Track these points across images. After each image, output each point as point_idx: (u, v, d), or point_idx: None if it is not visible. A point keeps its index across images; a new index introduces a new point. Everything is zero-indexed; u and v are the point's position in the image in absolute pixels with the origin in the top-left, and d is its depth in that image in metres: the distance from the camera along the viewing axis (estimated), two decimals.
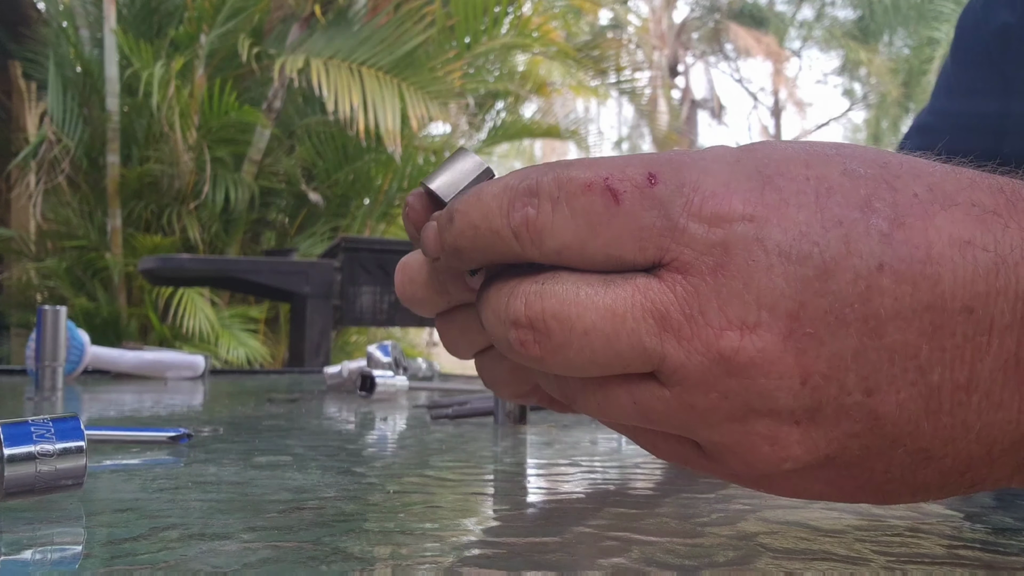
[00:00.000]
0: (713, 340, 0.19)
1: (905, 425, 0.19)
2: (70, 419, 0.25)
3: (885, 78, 11.04)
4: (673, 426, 0.20)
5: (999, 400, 0.19)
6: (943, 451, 0.19)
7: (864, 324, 0.18)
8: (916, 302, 0.18)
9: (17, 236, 4.45)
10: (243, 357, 3.68)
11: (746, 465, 0.20)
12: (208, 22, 3.95)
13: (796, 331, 0.18)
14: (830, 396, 0.19)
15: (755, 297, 0.19)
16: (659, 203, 0.19)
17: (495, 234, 0.21)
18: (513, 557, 0.21)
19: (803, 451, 0.20)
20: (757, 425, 0.19)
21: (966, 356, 0.19)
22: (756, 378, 0.19)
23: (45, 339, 0.69)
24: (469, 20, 4.11)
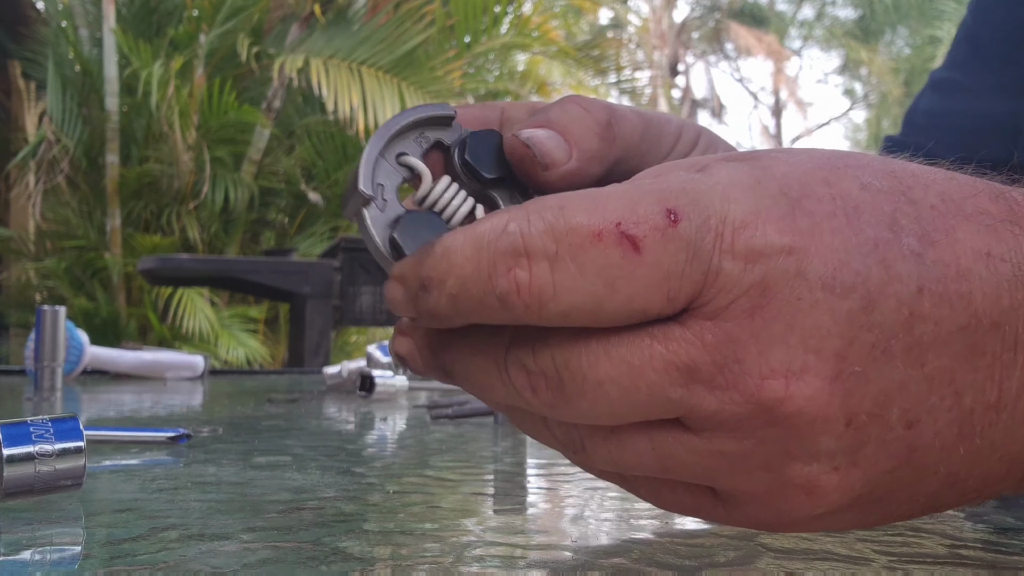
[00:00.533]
0: (754, 390, 0.17)
1: (939, 453, 0.18)
2: (69, 419, 0.25)
3: (886, 77, 11.05)
4: (694, 474, 0.19)
5: (1022, 417, 0.18)
6: (969, 474, 0.19)
7: (908, 354, 0.17)
8: (953, 324, 0.17)
9: (16, 236, 4.45)
10: (242, 357, 3.68)
11: (776, 514, 0.19)
12: (207, 22, 3.95)
13: (844, 371, 0.17)
14: (872, 435, 0.18)
15: (800, 340, 0.17)
16: (687, 244, 0.17)
17: (479, 302, 0.18)
18: (513, 557, 0.21)
19: (839, 496, 0.18)
20: (793, 473, 0.18)
21: (995, 375, 0.18)
22: (800, 426, 0.17)
23: (44, 339, 0.69)
24: (469, 19, 4.11)
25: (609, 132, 0.23)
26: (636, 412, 0.18)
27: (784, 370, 0.17)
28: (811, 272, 0.17)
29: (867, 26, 11.58)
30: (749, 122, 16.74)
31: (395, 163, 0.22)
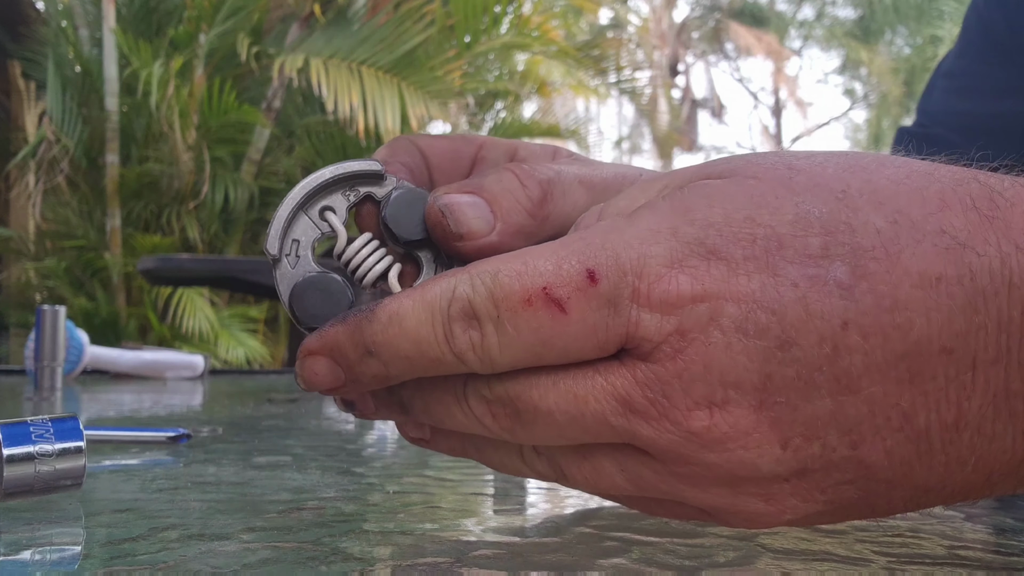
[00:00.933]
0: (682, 420, 0.18)
1: (898, 469, 0.19)
2: (69, 419, 0.25)
3: (886, 77, 11.04)
4: (664, 492, 0.20)
5: (991, 433, 0.18)
6: (941, 485, 0.19)
7: (836, 383, 0.18)
8: (889, 353, 0.18)
9: (16, 236, 4.45)
10: (242, 357, 3.68)
11: (746, 522, 0.20)
12: (207, 21, 3.95)
13: (766, 401, 0.18)
14: (814, 455, 0.18)
15: (719, 377, 0.18)
16: (606, 301, 0.18)
17: (436, 361, 0.19)
18: (513, 557, 0.21)
19: (800, 501, 0.19)
20: (747, 487, 0.19)
21: (951, 397, 0.18)
22: (734, 450, 0.18)
23: (44, 339, 0.69)
24: (469, 19, 4.11)
25: (541, 210, 0.23)
26: (586, 436, 0.19)
27: (707, 402, 0.18)
28: (724, 317, 0.18)
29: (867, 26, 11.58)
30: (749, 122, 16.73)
31: (318, 218, 0.23)
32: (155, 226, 4.08)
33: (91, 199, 4.19)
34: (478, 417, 0.20)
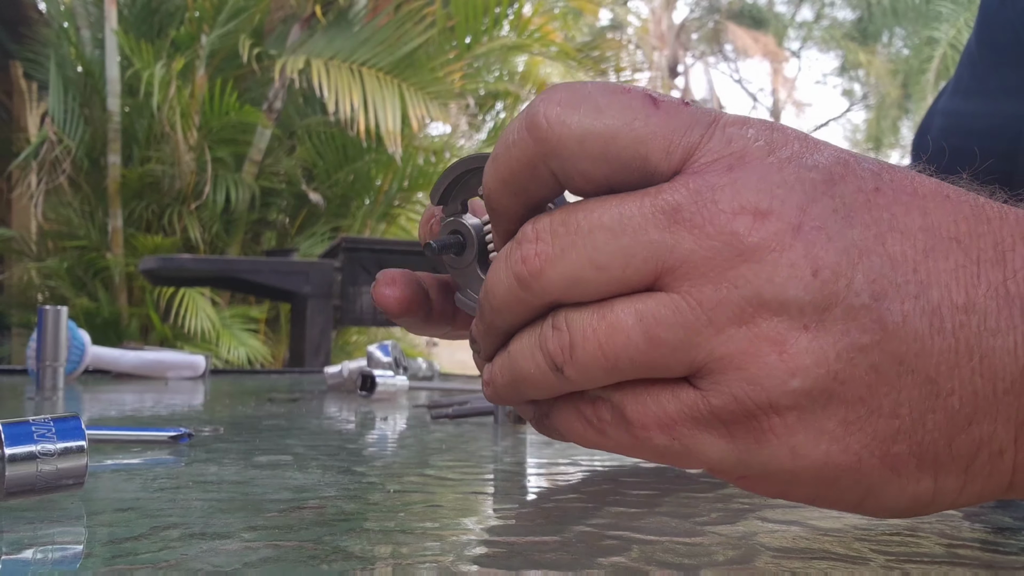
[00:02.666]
0: (726, 222, 0.19)
1: (912, 342, 0.19)
2: (71, 419, 0.25)
3: (884, 79, 11.03)
4: (676, 339, 0.20)
5: (996, 326, 0.19)
6: (949, 383, 0.19)
7: (867, 229, 0.20)
8: (911, 222, 0.20)
9: (18, 236, 4.46)
10: (244, 357, 3.68)
11: (750, 383, 0.19)
12: (209, 22, 3.95)
13: (806, 224, 0.20)
14: (839, 294, 0.19)
15: (768, 188, 0.20)
16: (692, 116, 0.21)
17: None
18: (513, 557, 0.21)
19: (812, 362, 0.19)
20: (765, 327, 0.19)
21: (961, 280, 0.20)
22: (767, 263, 0.19)
23: (46, 339, 0.69)
24: (469, 21, 4.11)
25: None
26: (620, 260, 0.20)
27: (753, 208, 0.20)
28: (781, 151, 0.20)
29: (865, 27, 11.57)
30: None
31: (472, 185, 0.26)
32: (157, 226, 4.08)
33: (93, 199, 4.20)
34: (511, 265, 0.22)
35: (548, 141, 0.21)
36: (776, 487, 0.21)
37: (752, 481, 0.22)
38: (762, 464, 0.21)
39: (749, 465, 0.21)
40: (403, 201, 4.69)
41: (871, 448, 0.20)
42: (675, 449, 0.21)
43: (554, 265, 0.21)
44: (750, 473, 0.21)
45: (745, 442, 0.20)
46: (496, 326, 0.23)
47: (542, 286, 0.21)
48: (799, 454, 0.20)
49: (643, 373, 0.21)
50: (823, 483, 0.21)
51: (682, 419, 0.21)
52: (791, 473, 0.21)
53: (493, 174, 0.23)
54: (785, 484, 0.21)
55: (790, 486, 0.21)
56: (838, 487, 0.21)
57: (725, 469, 0.21)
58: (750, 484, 0.22)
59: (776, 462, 0.20)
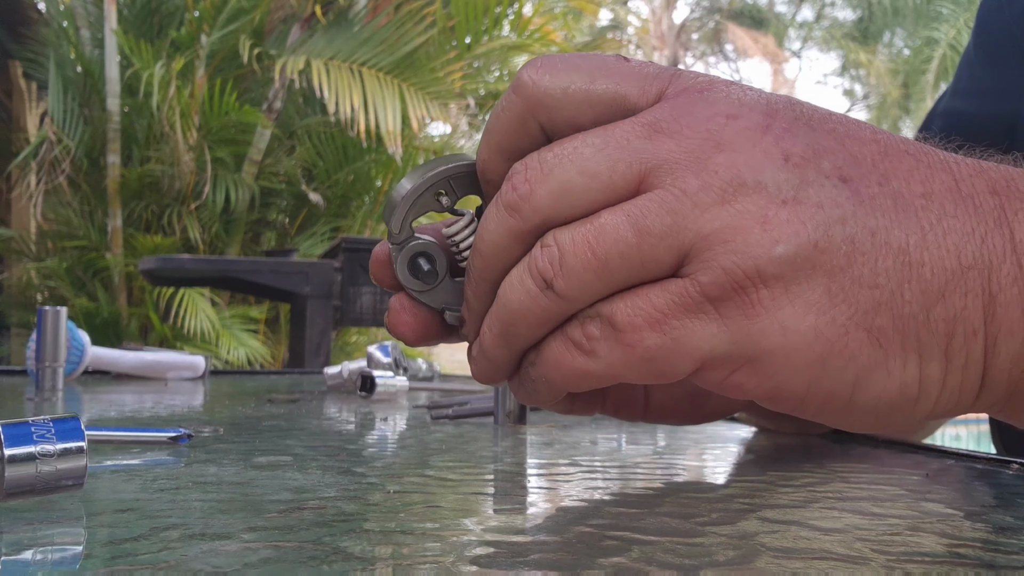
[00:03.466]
0: (702, 124, 0.21)
1: (881, 216, 0.21)
2: (70, 419, 0.25)
3: (885, 79, 11.04)
4: (665, 227, 0.21)
5: (954, 212, 0.21)
6: (920, 255, 0.21)
7: (828, 134, 0.22)
8: (864, 135, 0.22)
9: (17, 236, 4.46)
10: (243, 357, 3.68)
11: (736, 253, 0.21)
12: (209, 22, 3.95)
13: (773, 125, 0.22)
14: (810, 176, 0.21)
15: (737, 99, 0.22)
16: (658, 65, 0.24)
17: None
18: (513, 557, 0.21)
19: (793, 231, 0.21)
20: (746, 204, 0.21)
21: (918, 175, 0.22)
22: (742, 152, 0.21)
23: (45, 339, 0.69)
24: (469, 21, 4.11)
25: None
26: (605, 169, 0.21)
27: (725, 113, 0.22)
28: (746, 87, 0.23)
29: (866, 28, 11.58)
30: None
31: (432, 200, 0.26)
32: (156, 226, 4.08)
33: (92, 199, 4.20)
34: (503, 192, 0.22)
35: (534, 95, 0.23)
36: (769, 378, 0.22)
37: (745, 373, 0.22)
38: (753, 344, 0.21)
39: (741, 347, 0.21)
40: None
41: (856, 319, 0.21)
42: (667, 347, 0.21)
43: (543, 182, 0.22)
44: (742, 360, 0.21)
45: (735, 320, 0.21)
46: (486, 277, 0.24)
47: (532, 206, 0.22)
48: (788, 328, 0.21)
49: (633, 270, 0.21)
50: (814, 365, 0.21)
51: (672, 310, 0.21)
52: (782, 353, 0.21)
53: (486, 144, 0.24)
54: (778, 371, 0.21)
55: (783, 374, 0.21)
56: (829, 370, 0.21)
57: (718, 358, 0.22)
58: (743, 378, 0.22)
59: (767, 339, 0.21)
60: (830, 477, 0.33)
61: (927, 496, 0.30)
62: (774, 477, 0.33)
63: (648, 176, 0.21)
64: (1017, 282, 0.21)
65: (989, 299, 0.21)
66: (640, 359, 0.22)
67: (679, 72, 0.23)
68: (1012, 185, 0.22)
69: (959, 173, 0.22)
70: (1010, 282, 0.21)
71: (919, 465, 0.37)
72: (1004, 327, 0.21)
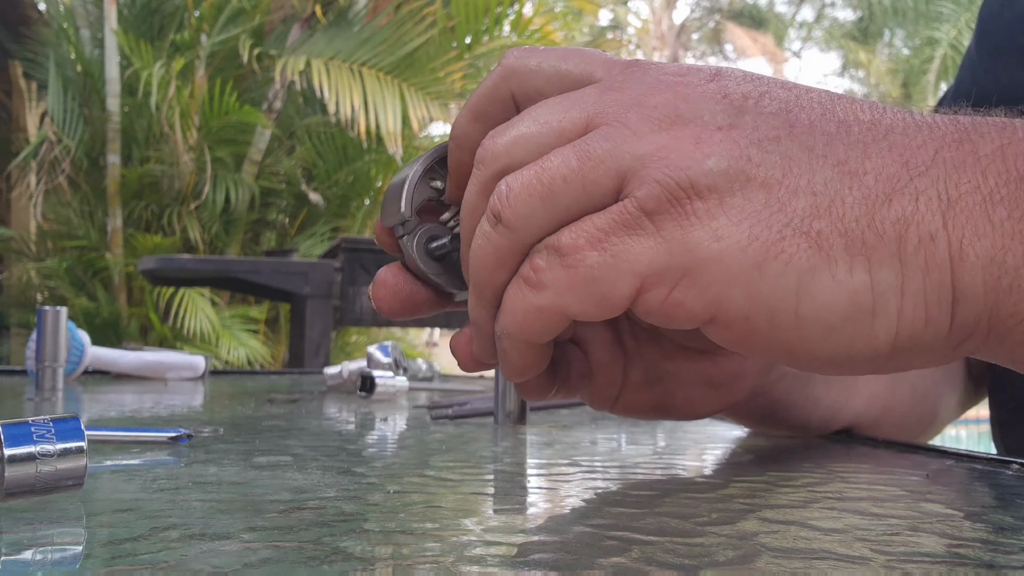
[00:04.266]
0: (650, 81, 0.23)
1: (819, 135, 0.21)
2: (70, 419, 0.25)
3: (885, 79, 11.04)
4: (605, 151, 0.22)
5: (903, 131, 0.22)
6: (861, 165, 0.21)
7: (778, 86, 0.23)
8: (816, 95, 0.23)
9: (17, 236, 4.46)
10: (243, 357, 3.68)
11: (669, 167, 0.21)
12: (209, 23, 3.95)
13: (718, 77, 0.23)
14: (748, 107, 0.22)
15: (685, 68, 0.24)
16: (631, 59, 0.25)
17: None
18: (513, 557, 0.21)
19: (726, 148, 0.21)
20: (683, 131, 0.22)
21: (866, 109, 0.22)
22: (682, 91, 0.22)
23: (45, 339, 0.69)
24: (470, 21, 4.11)
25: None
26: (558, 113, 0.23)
27: (672, 72, 0.23)
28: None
29: (866, 28, 11.58)
30: None
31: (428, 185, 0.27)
32: (156, 226, 4.08)
33: (92, 199, 4.20)
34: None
35: (510, 65, 0.25)
36: (706, 290, 0.21)
37: (683, 288, 0.22)
38: (688, 252, 0.21)
39: (677, 257, 0.21)
40: None
41: (793, 225, 0.21)
42: (607, 264, 0.22)
43: (503, 134, 0.24)
44: (679, 272, 0.21)
45: (671, 232, 0.21)
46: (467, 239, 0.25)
47: (492, 153, 0.24)
48: (722, 235, 0.21)
49: (575, 195, 0.22)
50: (750, 270, 0.21)
51: (612, 227, 0.22)
52: (716, 260, 0.21)
53: (463, 110, 0.26)
54: (714, 281, 0.21)
55: (719, 284, 0.21)
56: (767, 276, 0.21)
57: (656, 273, 0.22)
58: (682, 294, 0.22)
59: (701, 248, 0.21)
60: (830, 477, 0.33)
61: (927, 496, 0.30)
62: (774, 477, 0.33)
63: (593, 119, 0.23)
64: (980, 190, 0.20)
65: (947, 204, 0.20)
66: (582, 279, 0.22)
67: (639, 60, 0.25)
68: (978, 120, 0.22)
69: (918, 114, 0.22)
70: (971, 189, 0.20)
71: (919, 465, 0.37)
72: (968, 230, 0.20)
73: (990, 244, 0.20)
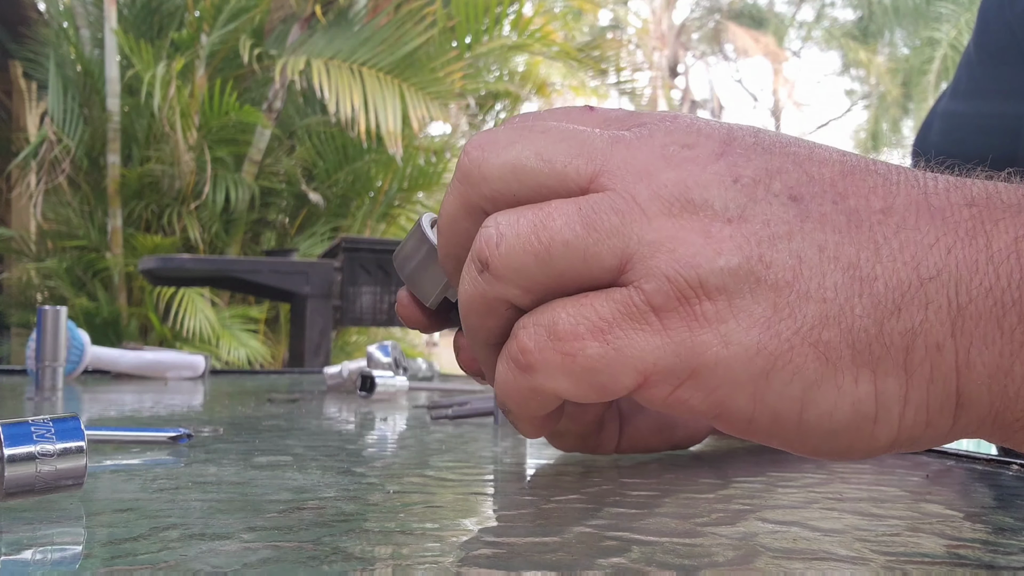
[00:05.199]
0: (659, 147, 0.22)
1: (831, 233, 0.21)
2: (70, 419, 0.25)
3: (885, 78, 11.04)
4: (612, 225, 0.21)
5: (915, 224, 0.21)
6: (871, 270, 0.20)
7: (784, 156, 0.22)
8: (828, 156, 0.22)
9: (17, 236, 4.46)
10: (243, 357, 3.68)
11: (679, 262, 0.20)
12: (209, 23, 3.95)
13: (727, 152, 0.22)
14: (758, 195, 0.21)
15: (695, 130, 0.22)
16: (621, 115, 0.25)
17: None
18: (513, 557, 0.21)
19: (736, 245, 0.20)
20: (691, 220, 0.21)
21: (880, 192, 0.21)
22: (692, 170, 0.21)
23: (45, 339, 0.69)
24: (470, 20, 4.11)
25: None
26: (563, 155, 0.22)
27: (680, 142, 0.22)
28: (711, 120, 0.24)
29: (866, 27, 11.58)
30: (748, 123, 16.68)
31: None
32: (156, 226, 4.08)
33: (92, 199, 4.19)
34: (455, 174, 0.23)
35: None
36: (712, 393, 0.21)
37: (688, 388, 0.21)
38: (696, 356, 0.21)
39: (684, 359, 0.21)
40: (403, 201, 4.69)
41: (802, 334, 0.20)
42: (609, 357, 0.21)
43: (498, 154, 0.22)
44: (685, 373, 0.21)
45: (678, 332, 0.21)
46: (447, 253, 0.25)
47: (482, 173, 0.22)
48: (731, 341, 0.20)
49: (574, 264, 0.21)
50: (757, 379, 0.20)
51: (616, 318, 0.21)
52: (724, 366, 0.20)
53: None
54: (720, 385, 0.21)
55: (725, 388, 0.21)
56: (773, 385, 0.21)
57: (661, 372, 0.21)
58: (687, 394, 0.21)
59: (709, 351, 0.20)
60: (830, 478, 0.33)
61: (927, 497, 0.30)
62: (774, 477, 0.33)
63: (600, 176, 0.21)
64: (992, 293, 0.20)
65: (956, 311, 0.20)
66: (582, 369, 0.21)
67: (641, 112, 0.24)
68: (993, 196, 0.21)
69: (931, 188, 0.21)
70: (983, 293, 0.20)
71: (919, 466, 0.37)
72: (977, 338, 0.20)
73: (998, 352, 0.20)
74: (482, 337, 0.24)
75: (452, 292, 0.27)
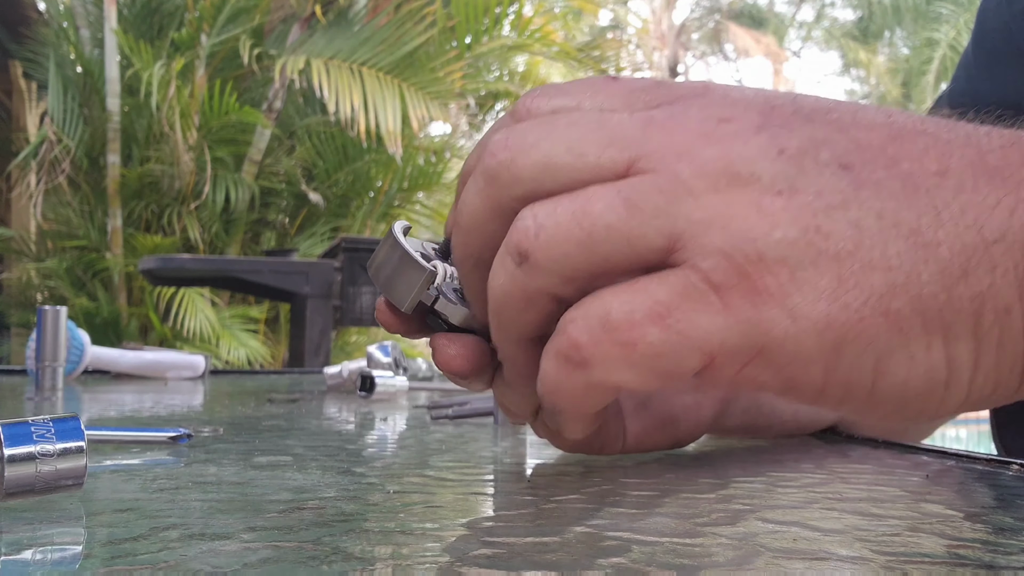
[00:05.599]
0: (695, 125, 0.21)
1: (888, 200, 0.20)
2: (70, 419, 0.25)
3: (885, 79, 11.04)
4: (657, 210, 0.20)
5: (973, 185, 0.20)
6: (934, 235, 0.20)
7: (828, 124, 0.21)
8: (872, 119, 0.21)
9: (17, 236, 4.46)
10: (243, 357, 3.68)
11: (734, 236, 0.19)
12: (209, 22, 3.95)
13: (767, 124, 0.21)
14: (807, 166, 0.20)
15: (731, 102, 0.21)
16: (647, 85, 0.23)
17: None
18: (513, 557, 0.21)
19: (790, 217, 0.20)
20: (740, 195, 0.20)
21: (933, 153, 0.20)
22: (735, 146, 0.20)
23: (45, 339, 0.69)
24: (470, 20, 4.11)
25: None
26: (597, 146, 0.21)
27: (717, 118, 0.21)
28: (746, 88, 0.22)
29: (866, 27, 11.58)
30: None
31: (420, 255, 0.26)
32: (156, 226, 4.08)
33: (92, 199, 4.19)
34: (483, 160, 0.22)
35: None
36: (783, 369, 0.20)
37: (757, 366, 0.21)
38: (763, 333, 0.20)
39: (751, 338, 0.20)
40: (403, 201, 4.69)
41: (871, 304, 0.20)
42: (672, 342, 0.20)
43: (526, 153, 0.21)
44: (753, 351, 0.20)
45: (742, 309, 0.20)
46: (470, 253, 0.23)
47: (513, 174, 0.21)
48: (798, 315, 0.20)
49: (619, 247, 0.20)
50: (828, 353, 0.20)
51: (674, 300, 0.20)
52: (794, 342, 0.20)
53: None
54: (791, 362, 0.20)
55: (796, 364, 0.20)
56: (845, 358, 0.20)
57: (728, 352, 0.20)
58: (756, 371, 0.21)
59: (777, 328, 0.20)
60: (830, 478, 0.33)
61: (927, 497, 0.30)
62: (774, 477, 0.33)
63: (638, 162, 0.20)
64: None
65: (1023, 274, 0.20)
66: (643, 358, 0.20)
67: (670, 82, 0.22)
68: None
69: (987, 146, 0.20)
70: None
71: (919, 466, 0.37)
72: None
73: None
74: (516, 333, 0.23)
75: (427, 296, 0.27)
